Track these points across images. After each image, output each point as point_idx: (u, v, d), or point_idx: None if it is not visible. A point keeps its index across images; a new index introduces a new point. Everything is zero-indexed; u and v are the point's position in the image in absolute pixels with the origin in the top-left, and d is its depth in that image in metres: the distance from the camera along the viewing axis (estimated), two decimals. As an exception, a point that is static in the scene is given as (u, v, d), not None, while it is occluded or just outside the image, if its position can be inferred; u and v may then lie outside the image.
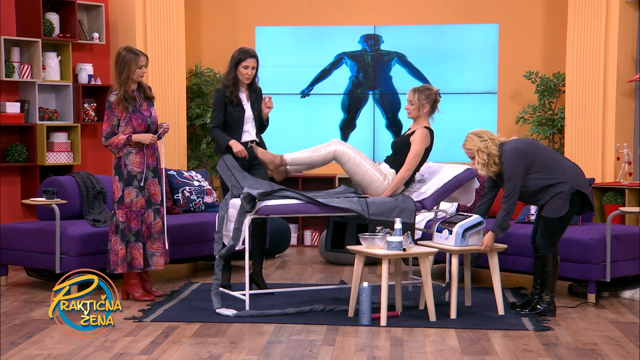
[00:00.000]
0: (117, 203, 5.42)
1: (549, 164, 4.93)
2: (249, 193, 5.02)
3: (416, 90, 5.37)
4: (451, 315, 4.90)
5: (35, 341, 4.43)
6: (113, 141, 5.39)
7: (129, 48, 5.46)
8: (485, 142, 4.94)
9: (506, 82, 8.03)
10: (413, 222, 5.16)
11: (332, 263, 7.02)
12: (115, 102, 5.37)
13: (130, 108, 5.39)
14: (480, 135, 4.99)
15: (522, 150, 4.92)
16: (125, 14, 7.57)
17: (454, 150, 8.06)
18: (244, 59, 5.56)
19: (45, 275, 6.03)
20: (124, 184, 5.40)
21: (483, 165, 4.96)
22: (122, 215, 5.40)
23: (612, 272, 5.37)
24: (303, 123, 8.21)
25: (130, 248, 5.40)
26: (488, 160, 4.95)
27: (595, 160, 7.22)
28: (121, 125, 5.40)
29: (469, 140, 5.00)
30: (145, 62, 5.43)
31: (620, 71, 7.17)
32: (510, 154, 4.91)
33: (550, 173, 4.92)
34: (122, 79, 5.37)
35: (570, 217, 4.99)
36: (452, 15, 8.09)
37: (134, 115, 5.40)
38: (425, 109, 5.37)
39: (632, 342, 4.47)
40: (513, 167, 4.88)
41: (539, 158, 4.94)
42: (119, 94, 5.37)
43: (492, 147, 4.94)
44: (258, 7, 8.26)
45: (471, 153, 5.00)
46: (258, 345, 4.36)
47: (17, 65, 6.95)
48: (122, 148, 5.38)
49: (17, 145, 6.98)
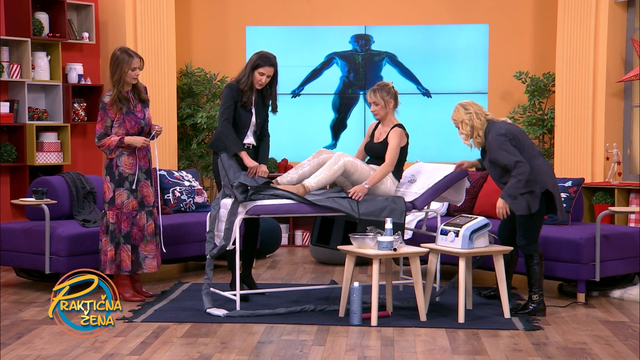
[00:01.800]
0: (108, 204, 5.40)
1: (528, 158, 4.96)
2: (241, 183, 5.02)
3: (375, 90, 5.40)
4: (459, 320, 4.83)
5: (25, 342, 4.41)
6: (105, 142, 5.37)
7: (124, 49, 5.42)
8: (469, 115, 5.01)
9: (496, 82, 8.05)
10: (403, 222, 5.16)
11: (323, 263, 7.02)
12: (109, 103, 5.35)
13: (124, 109, 5.37)
14: (466, 107, 5.05)
15: (509, 133, 4.95)
16: (115, 14, 7.55)
17: (444, 150, 8.08)
18: (262, 66, 5.33)
19: (34, 275, 6.00)
20: (115, 185, 5.39)
21: (466, 136, 5.05)
22: (112, 217, 5.39)
23: (602, 272, 5.38)
24: (294, 123, 8.21)
25: (120, 250, 5.39)
26: (471, 132, 5.01)
27: (585, 160, 7.25)
28: (114, 127, 5.38)
29: (456, 111, 5.08)
30: (139, 65, 5.38)
31: (609, 71, 7.20)
32: (501, 133, 4.93)
33: (529, 164, 4.95)
34: (115, 80, 5.35)
35: (541, 214, 5.01)
36: (442, 15, 8.11)
37: (127, 117, 5.38)
38: (391, 105, 5.41)
39: (621, 341, 4.49)
40: (504, 147, 4.91)
41: (522, 148, 4.97)
42: (113, 95, 5.35)
43: (477, 120, 5.00)
44: (249, 7, 8.25)
45: (456, 124, 5.09)
46: (249, 346, 4.35)
47: (6, 65, 6.92)
48: (115, 149, 5.37)
49: (7, 145, 6.96)
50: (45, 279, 5.84)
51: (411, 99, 8.12)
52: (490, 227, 4.98)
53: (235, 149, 5.32)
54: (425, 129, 8.08)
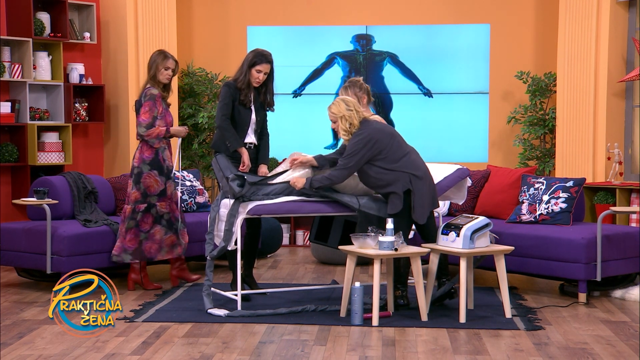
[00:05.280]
0: (158, 196, 5.69)
1: (394, 159, 4.98)
2: (237, 175, 5.05)
3: (347, 87, 5.41)
4: (460, 319, 4.83)
5: (26, 342, 4.42)
6: (154, 132, 5.63)
7: (161, 50, 5.77)
8: (350, 112, 5.01)
9: (498, 82, 8.05)
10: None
11: (324, 263, 7.02)
12: (159, 96, 5.65)
13: (164, 104, 5.72)
14: (347, 103, 5.05)
15: (373, 139, 4.95)
16: (117, 14, 7.55)
17: (445, 150, 8.08)
18: (258, 63, 5.38)
19: (36, 275, 6.01)
20: (165, 178, 5.72)
21: (345, 131, 5.02)
22: (165, 207, 5.72)
23: (603, 272, 5.38)
24: (295, 123, 8.21)
25: (181, 234, 5.80)
26: (349, 129, 5.01)
27: (586, 160, 7.24)
28: (158, 119, 5.66)
29: (336, 104, 5.06)
30: (173, 66, 5.70)
31: (610, 71, 7.20)
32: (362, 137, 4.95)
33: (392, 166, 4.96)
34: (150, 77, 5.68)
35: (407, 215, 4.99)
36: (443, 15, 8.10)
37: (166, 112, 5.72)
38: (364, 100, 5.40)
39: (622, 341, 4.48)
40: (358, 150, 4.94)
41: (387, 152, 4.97)
42: (159, 89, 5.67)
43: (355, 118, 5.01)
44: (250, 7, 8.25)
45: (335, 117, 5.05)
46: (250, 346, 4.36)
47: (7, 65, 6.93)
48: (161, 139, 5.66)
49: (8, 145, 6.96)
50: (46, 279, 5.85)
51: (412, 98, 8.12)
52: (492, 227, 4.98)
53: (235, 145, 5.34)
54: (426, 129, 8.08)
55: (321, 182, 5.04)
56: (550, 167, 7.58)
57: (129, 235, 5.69)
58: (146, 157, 5.66)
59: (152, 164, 5.67)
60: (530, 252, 5.55)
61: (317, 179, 5.05)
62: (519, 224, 5.86)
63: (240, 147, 5.37)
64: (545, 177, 5.99)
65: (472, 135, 8.10)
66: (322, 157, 5.29)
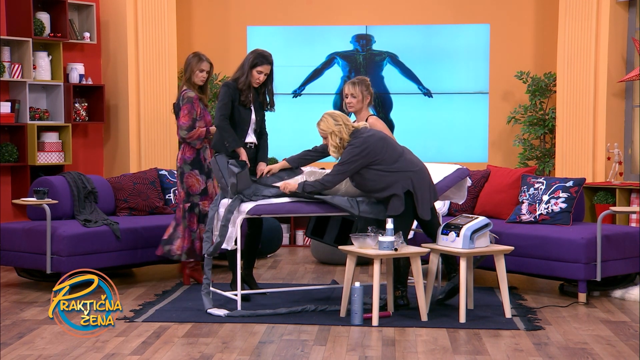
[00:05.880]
0: (200, 195, 5.82)
1: (391, 161, 4.97)
2: (236, 160, 5.12)
3: (355, 83, 5.42)
4: (460, 320, 4.83)
5: (26, 342, 4.42)
6: (195, 133, 5.75)
7: (196, 52, 5.89)
8: (339, 127, 5.01)
9: (497, 82, 8.05)
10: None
11: (324, 263, 7.02)
12: (196, 97, 5.76)
13: (201, 105, 5.83)
14: (335, 117, 5.04)
15: (368, 148, 4.95)
16: (117, 14, 7.55)
17: (445, 150, 8.08)
18: (259, 64, 5.41)
19: (36, 275, 6.00)
20: (206, 177, 5.85)
21: (335, 148, 5.02)
22: (207, 206, 5.82)
23: (603, 272, 5.38)
24: (295, 123, 8.21)
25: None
26: (340, 144, 5.00)
27: (586, 160, 7.24)
28: (198, 120, 5.78)
29: (324, 120, 5.05)
30: (207, 68, 5.83)
31: (610, 71, 7.20)
32: (357, 147, 4.94)
33: (391, 167, 4.96)
34: (186, 78, 5.82)
35: (408, 215, 5.00)
36: (443, 15, 8.11)
37: (204, 112, 5.84)
38: (367, 100, 5.43)
39: (622, 341, 4.48)
40: (353, 159, 4.94)
41: (382, 155, 4.96)
42: (195, 91, 5.79)
43: (345, 132, 5.00)
44: (250, 6, 8.25)
45: (324, 134, 5.06)
46: (250, 346, 4.36)
47: (7, 65, 6.93)
48: (202, 140, 5.78)
49: (8, 145, 6.96)
50: (46, 279, 5.85)
51: (412, 98, 8.12)
52: (492, 227, 4.98)
53: (234, 145, 5.37)
54: (426, 129, 8.08)
55: (314, 186, 5.06)
56: (550, 167, 7.58)
57: (185, 234, 5.84)
58: (187, 157, 5.79)
59: (193, 163, 5.80)
60: (530, 252, 5.55)
61: (309, 184, 5.06)
62: (519, 224, 5.86)
63: (239, 147, 5.39)
64: (545, 177, 5.99)
65: (472, 135, 8.10)
66: (293, 157, 5.33)
